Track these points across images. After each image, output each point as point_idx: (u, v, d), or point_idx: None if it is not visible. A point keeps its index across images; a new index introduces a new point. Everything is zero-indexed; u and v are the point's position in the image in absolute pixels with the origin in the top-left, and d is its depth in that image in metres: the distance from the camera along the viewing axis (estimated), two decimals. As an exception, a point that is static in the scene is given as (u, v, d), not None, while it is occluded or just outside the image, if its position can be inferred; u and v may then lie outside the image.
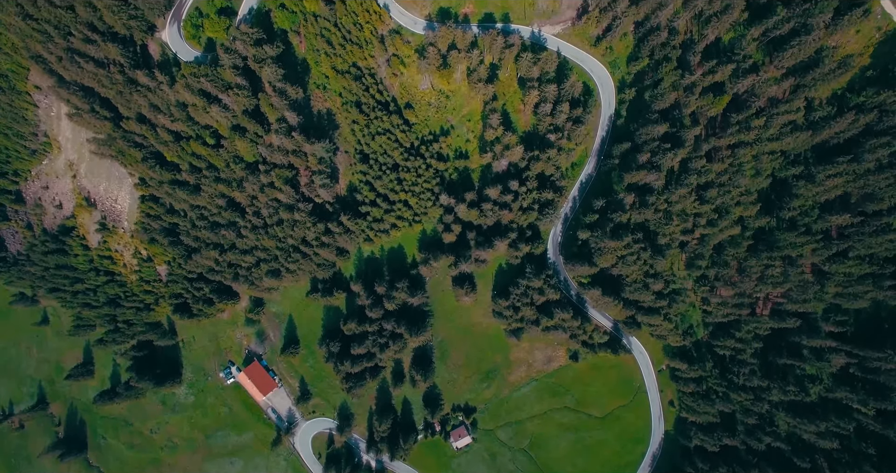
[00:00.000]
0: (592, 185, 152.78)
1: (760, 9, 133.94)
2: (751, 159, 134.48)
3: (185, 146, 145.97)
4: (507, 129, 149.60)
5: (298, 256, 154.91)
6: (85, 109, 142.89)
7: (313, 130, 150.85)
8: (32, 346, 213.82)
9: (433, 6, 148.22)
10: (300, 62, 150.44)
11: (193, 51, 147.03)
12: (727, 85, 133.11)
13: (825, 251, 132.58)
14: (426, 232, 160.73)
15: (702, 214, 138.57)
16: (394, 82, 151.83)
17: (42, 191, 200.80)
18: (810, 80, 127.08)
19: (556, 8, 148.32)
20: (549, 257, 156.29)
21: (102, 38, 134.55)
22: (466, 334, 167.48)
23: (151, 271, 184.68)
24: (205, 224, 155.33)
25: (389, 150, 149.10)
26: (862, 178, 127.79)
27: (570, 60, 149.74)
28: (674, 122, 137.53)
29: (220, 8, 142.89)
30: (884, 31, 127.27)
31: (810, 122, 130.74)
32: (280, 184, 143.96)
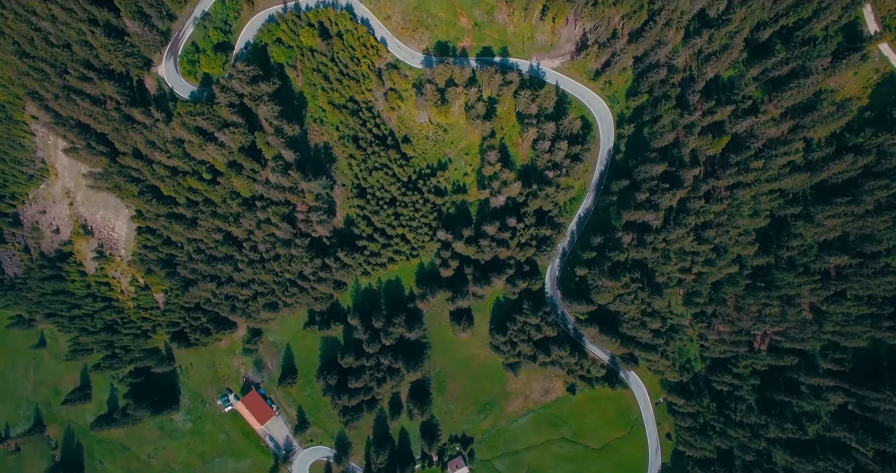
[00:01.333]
0: (591, 220, 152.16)
1: (760, 47, 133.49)
2: (749, 200, 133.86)
3: (181, 181, 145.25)
4: (505, 163, 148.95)
5: (296, 290, 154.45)
6: (81, 145, 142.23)
7: (310, 164, 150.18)
8: (30, 369, 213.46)
9: (431, 40, 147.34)
10: (297, 96, 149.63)
11: (190, 85, 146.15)
12: (726, 125, 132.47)
13: (823, 292, 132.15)
14: (424, 265, 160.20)
15: (700, 253, 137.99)
16: (391, 116, 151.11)
17: (39, 215, 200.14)
18: (809, 121, 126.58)
19: (555, 42, 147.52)
20: (547, 292, 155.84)
21: (98, 75, 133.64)
22: (464, 365, 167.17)
23: (149, 298, 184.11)
24: (202, 257, 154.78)
25: (387, 184, 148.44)
26: (861, 219, 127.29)
27: (568, 93, 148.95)
28: (672, 161, 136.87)
29: (217, 43, 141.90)
30: (881, 73, 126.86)
31: (809, 162, 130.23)
32: (277, 221, 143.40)
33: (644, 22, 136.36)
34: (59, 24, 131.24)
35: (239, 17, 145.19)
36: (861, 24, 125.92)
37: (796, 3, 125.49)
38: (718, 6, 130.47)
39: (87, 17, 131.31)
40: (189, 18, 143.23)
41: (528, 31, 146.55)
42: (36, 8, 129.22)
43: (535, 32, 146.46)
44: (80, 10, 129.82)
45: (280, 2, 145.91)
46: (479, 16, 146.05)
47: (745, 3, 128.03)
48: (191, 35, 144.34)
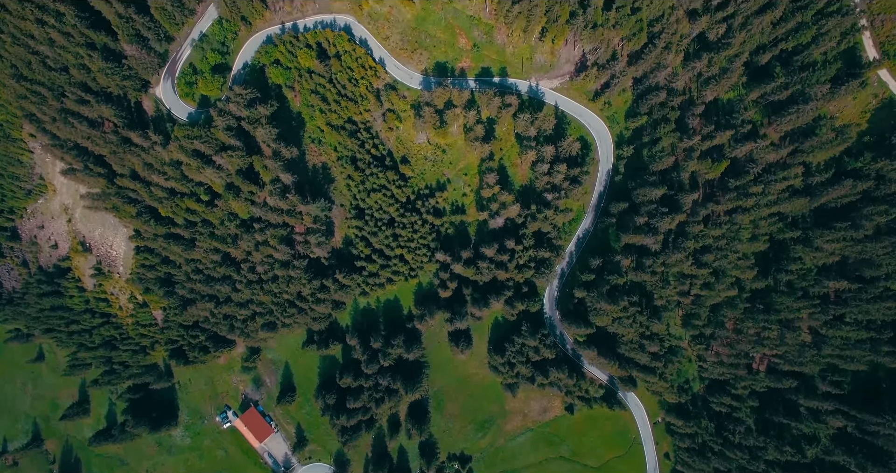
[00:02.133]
0: (589, 241, 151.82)
1: (759, 71, 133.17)
2: (749, 224, 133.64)
3: (179, 203, 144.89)
4: (503, 184, 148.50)
5: (294, 310, 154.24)
6: (79, 166, 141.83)
7: (308, 185, 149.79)
8: (27, 383, 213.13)
9: (429, 61, 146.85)
10: (295, 117, 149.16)
11: (187, 107, 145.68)
12: (726, 149, 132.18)
13: (822, 316, 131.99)
14: (422, 285, 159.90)
15: (698, 276, 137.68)
16: (390, 136, 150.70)
17: (37, 230, 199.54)
18: (808, 146, 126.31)
19: (554, 62, 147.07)
20: (546, 313, 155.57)
21: (96, 98, 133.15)
22: (462, 384, 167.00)
23: (147, 315, 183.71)
24: (200, 277, 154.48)
25: (385, 206, 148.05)
26: (860, 243, 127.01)
27: (567, 114, 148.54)
28: (671, 184, 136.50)
29: (214, 65, 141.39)
30: (880, 98, 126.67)
31: (808, 186, 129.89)
32: (275, 243, 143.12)
33: (643, 45, 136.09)
34: (56, 47, 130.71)
35: (236, 38, 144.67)
36: (860, 49, 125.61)
37: (796, 29, 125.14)
38: (718, 30, 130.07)
39: (85, 41, 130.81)
40: (187, 40, 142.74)
41: (527, 51, 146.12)
42: (34, 32, 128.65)
43: (534, 53, 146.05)
44: (78, 35, 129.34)
45: (278, 22, 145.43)
46: (477, 36, 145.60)
47: (744, 27, 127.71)
48: (188, 56, 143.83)
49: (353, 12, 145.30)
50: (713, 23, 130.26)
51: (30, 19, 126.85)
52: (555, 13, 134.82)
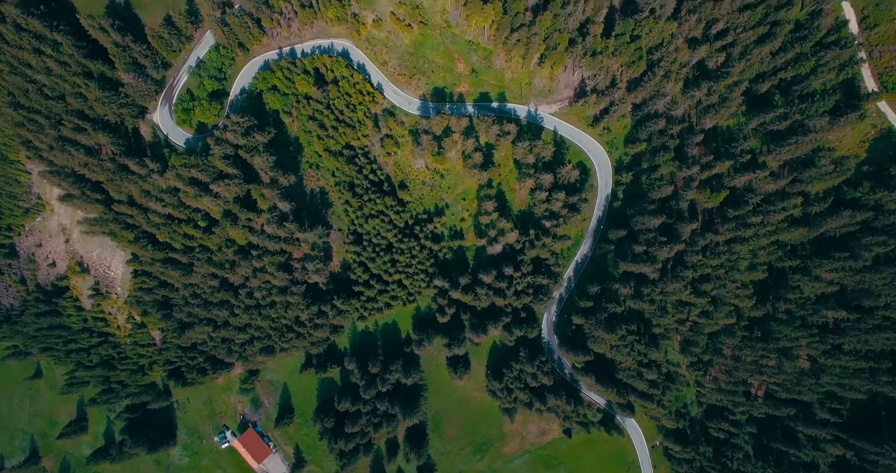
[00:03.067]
0: (588, 266, 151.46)
1: (759, 99, 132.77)
2: (747, 254, 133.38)
3: (176, 228, 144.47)
4: (502, 209, 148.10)
5: (292, 335, 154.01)
6: (76, 193, 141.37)
7: (306, 210, 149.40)
8: (25, 399, 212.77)
9: (428, 86, 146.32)
10: (293, 141, 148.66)
11: (185, 133, 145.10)
12: (725, 179, 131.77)
13: (821, 345, 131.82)
14: (420, 308, 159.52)
15: (697, 305, 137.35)
16: (388, 161, 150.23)
17: (35, 248, 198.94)
18: (807, 177, 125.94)
19: (553, 87, 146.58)
20: (544, 337, 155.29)
21: (93, 126, 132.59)
22: (461, 406, 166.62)
23: (145, 335, 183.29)
24: (198, 302, 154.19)
25: (383, 231, 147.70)
26: (859, 273, 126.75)
27: (566, 139, 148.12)
28: (670, 212, 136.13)
29: (212, 91, 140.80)
30: (879, 128, 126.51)
31: (807, 215, 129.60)
32: (272, 270, 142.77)
33: (643, 72, 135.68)
34: (53, 76, 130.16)
35: (234, 64, 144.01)
36: (859, 80, 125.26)
37: (795, 59, 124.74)
38: (717, 59, 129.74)
39: (82, 70, 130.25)
40: (184, 66, 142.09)
41: (525, 76, 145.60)
42: (31, 61, 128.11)
43: (533, 78, 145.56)
44: (75, 64, 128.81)
45: (275, 48, 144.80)
46: (476, 61, 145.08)
47: (743, 56, 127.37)
48: (185, 82, 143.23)
49: (350, 37, 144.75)
50: (712, 51, 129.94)
51: (27, 49, 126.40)
52: (553, 41, 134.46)
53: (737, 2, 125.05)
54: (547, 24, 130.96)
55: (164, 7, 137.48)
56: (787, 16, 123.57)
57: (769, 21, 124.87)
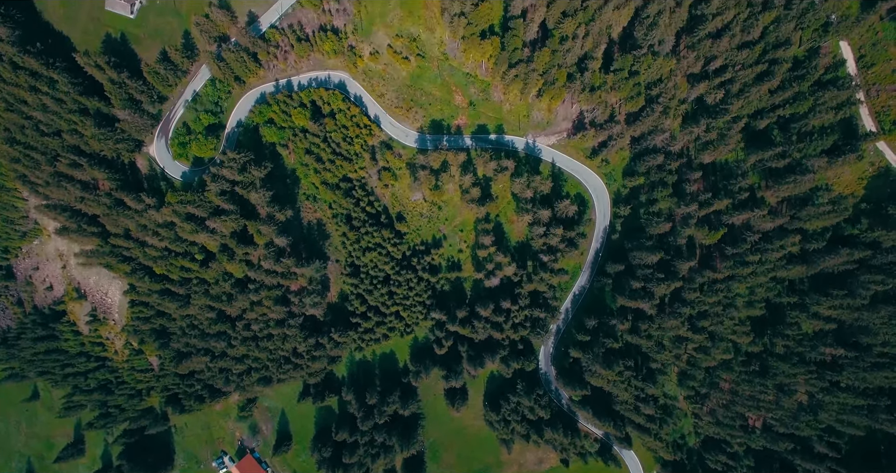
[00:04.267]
0: (586, 297, 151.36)
1: (758, 134, 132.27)
2: (745, 291, 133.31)
3: (173, 261, 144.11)
4: (499, 240, 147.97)
5: (290, 367, 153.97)
6: (72, 227, 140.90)
7: (303, 242, 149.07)
8: (22, 421, 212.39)
9: (425, 118, 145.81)
10: (289, 173, 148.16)
11: (181, 166, 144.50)
12: (723, 216, 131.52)
13: (818, 382, 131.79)
14: (418, 338, 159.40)
15: (694, 340, 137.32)
16: (385, 193, 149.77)
17: (32, 271, 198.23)
18: (805, 215, 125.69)
19: (552, 119, 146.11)
20: (541, 368, 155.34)
21: (89, 161, 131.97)
22: (458, 435, 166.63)
23: (143, 361, 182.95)
24: (195, 333, 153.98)
25: (380, 264, 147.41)
26: (857, 311, 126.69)
27: (565, 170, 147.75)
28: (668, 248, 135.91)
29: (208, 126, 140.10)
30: (877, 166, 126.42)
31: (805, 252, 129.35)
32: (270, 304, 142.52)
33: (641, 107, 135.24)
34: (49, 113, 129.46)
35: (230, 96, 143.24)
36: (857, 118, 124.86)
37: (793, 98, 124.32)
38: (716, 95, 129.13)
39: (78, 107, 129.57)
40: (180, 99, 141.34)
41: (524, 108, 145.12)
42: (27, 98, 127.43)
43: (531, 110, 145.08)
44: (71, 101, 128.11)
45: (272, 79, 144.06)
46: (474, 94, 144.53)
47: (742, 93, 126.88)
48: (182, 115, 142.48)
49: (347, 69, 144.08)
50: (711, 88, 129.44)
51: (23, 86, 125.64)
52: (552, 76, 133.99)
53: (735, 40, 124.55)
54: (545, 59, 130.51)
55: (161, 42, 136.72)
56: (786, 54, 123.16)
57: (767, 59, 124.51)
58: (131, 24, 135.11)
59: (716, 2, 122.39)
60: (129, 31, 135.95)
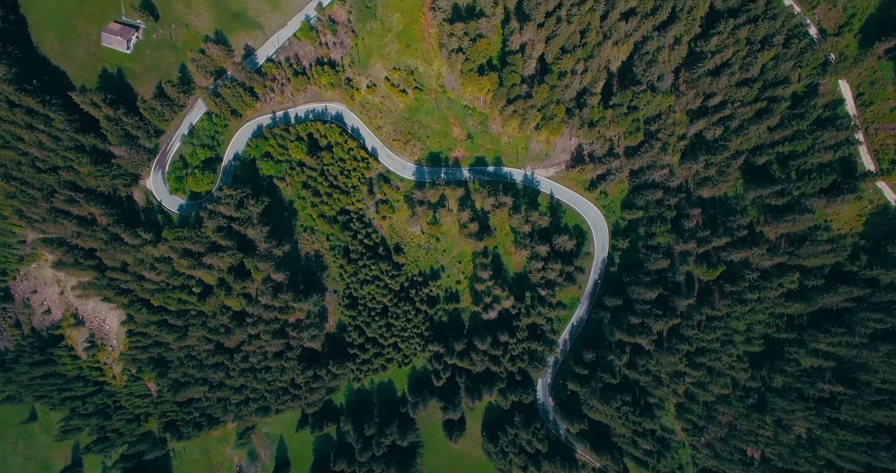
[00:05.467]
0: (584, 328, 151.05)
1: (757, 169, 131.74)
2: (743, 327, 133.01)
3: (171, 294, 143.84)
4: (497, 272, 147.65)
5: (288, 397, 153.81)
6: (69, 261, 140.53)
7: (301, 274, 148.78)
8: (19, 442, 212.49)
9: (423, 151, 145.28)
10: (287, 205, 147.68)
11: (178, 199, 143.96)
12: (722, 253, 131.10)
13: (817, 419, 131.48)
14: (416, 368, 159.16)
15: (692, 376, 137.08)
16: (383, 224, 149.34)
17: (30, 294, 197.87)
18: (804, 253, 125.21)
19: (550, 151, 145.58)
20: (539, 398, 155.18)
21: (85, 197, 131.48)
22: (456, 463, 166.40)
23: (141, 387, 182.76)
24: (193, 364, 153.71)
25: (378, 296, 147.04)
26: (856, 348, 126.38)
27: (563, 202, 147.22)
28: (666, 284, 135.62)
29: (204, 160, 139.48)
30: (875, 203, 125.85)
31: (804, 288, 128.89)
32: (267, 338, 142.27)
33: (640, 142, 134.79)
34: (45, 150, 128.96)
35: (227, 129, 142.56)
36: (856, 156, 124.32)
37: (792, 136, 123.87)
38: (715, 131, 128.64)
39: (74, 144, 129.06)
40: (176, 132, 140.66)
41: (522, 141, 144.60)
42: (23, 136, 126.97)
43: (529, 142, 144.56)
44: (67, 138, 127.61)
45: (268, 112, 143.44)
46: (472, 126, 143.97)
47: (741, 130, 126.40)
48: (178, 148, 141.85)
49: (344, 101, 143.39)
50: (710, 124, 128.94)
51: (19, 124, 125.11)
52: (550, 111, 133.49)
53: (734, 77, 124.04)
54: (543, 95, 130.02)
55: (157, 76, 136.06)
56: (785, 92, 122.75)
57: (766, 96, 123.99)
58: (127, 59, 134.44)
59: (715, 39, 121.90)
60: (125, 65, 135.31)
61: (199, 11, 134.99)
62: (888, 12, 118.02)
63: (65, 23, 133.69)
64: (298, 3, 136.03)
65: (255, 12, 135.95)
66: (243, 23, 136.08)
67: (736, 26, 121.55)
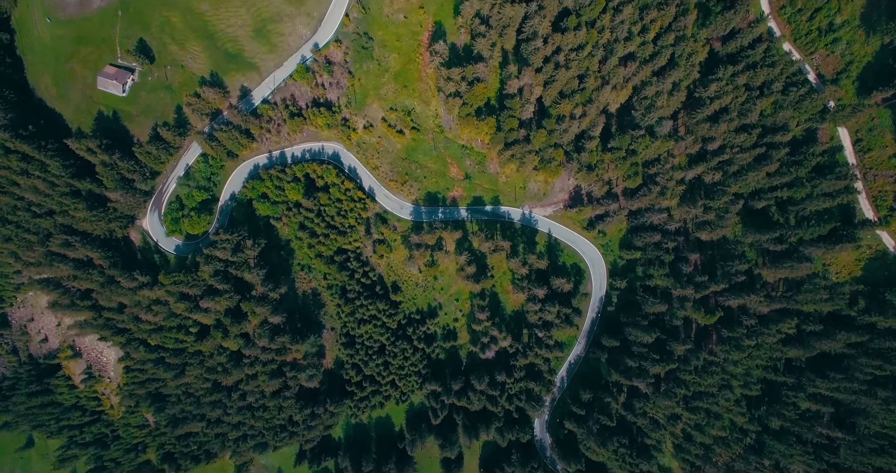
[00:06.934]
0: (581, 367, 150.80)
1: (756, 212, 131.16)
2: (741, 370, 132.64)
3: (168, 334, 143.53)
4: (495, 309, 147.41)
5: (285, 434, 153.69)
6: (65, 303, 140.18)
7: (298, 312, 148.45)
8: (16, 469, 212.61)
9: (420, 191, 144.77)
10: (284, 244, 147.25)
11: (175, 240, 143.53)
12: (720, 298, 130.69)
13: (816, 463, 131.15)
14: (413, 404, 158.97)
15: (689, 418, 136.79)
16: (380, 263, 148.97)
17: (28, 322, 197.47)
18: (802, 300, 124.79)
19: (548, 191, 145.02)
20: (536, 435, 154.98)
21: (81, 240, 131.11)
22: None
23: (139, 417, 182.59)
24: (190, 400, 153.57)
25: (376, 335, 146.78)
26: (855, 394, 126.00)
27: (561, 241, 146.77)
28: (664, 327, 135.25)
29: (201, 202, 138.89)
30: (874, 249, 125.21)
31: (802, 333, 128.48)
32: (264, 378, 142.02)
33: (639, 185, 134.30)
34: (41, 195, 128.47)
35: (223, 169, 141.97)
36: (855, 203, 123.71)
37: (791, 183, 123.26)
38: (714, 175, 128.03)
39: (70, 190, 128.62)
40: (172, 173, 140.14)
41: (520, 180, 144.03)
42: (19, 181, 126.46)
43: (527, 181, 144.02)
44: (63, 184, 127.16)
45: (265, 151, 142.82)
46: (469, 166, 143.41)
47: (739, 175, 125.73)
48: (174, 189, 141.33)
49: (341, 141, 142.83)
50: (709, 169, 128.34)
51: (15, 170, 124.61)
52: (548, 155, 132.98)
53: (733, 123, 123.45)
54: (542, 140, 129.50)
55: (153, 118, 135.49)
56: (783, 139, 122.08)
57: (765, 142, 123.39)
58: (123, 101, 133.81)
59: (714, 86, 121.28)
60: (121, 108, 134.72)
61: (194, 53, 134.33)
62: (885, 61, 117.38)
63: (61, 66, 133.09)
64: (294, 44, 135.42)
65: (251, 54, 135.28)
66: (239, 64, 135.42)
67: (735, 73, 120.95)
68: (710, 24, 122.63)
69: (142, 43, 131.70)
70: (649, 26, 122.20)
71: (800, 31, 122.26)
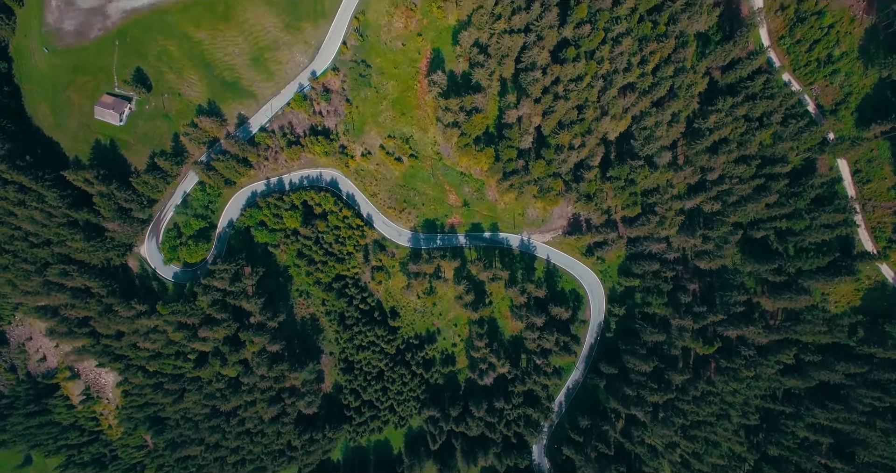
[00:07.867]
0: (579, 392, 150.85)
1: (755, 241, 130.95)
2: (740, 400, 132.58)
3: (166, 361, 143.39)
4: (493, 334, 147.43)
5: (284, 459, 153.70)
6: (62, 331, 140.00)
7: (297, 338, 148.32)
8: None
9: (418, 218, 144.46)
10: (282, 271, 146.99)
11: (173, 267, 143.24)
12: (718, 328, 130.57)
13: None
14: (412, 428, 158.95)
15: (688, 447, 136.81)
16: (378, 289, 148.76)
17: (26, 340, 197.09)
18: (801, 330, 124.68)
19: (547, 217, 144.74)
20: (535, 459, 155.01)
21: (79, 269, 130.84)
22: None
23: (138, 438, 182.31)
24: (189, 425, 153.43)
25: (374, 361, 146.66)
26: (854, 425, 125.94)
27: (559, 267, 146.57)
28: (662, 356, 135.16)
29: (198, 230, 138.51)
30: (873, 279, 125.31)
31: (801, 363, 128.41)
32: (263, 406, 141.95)
33: (638, 214, 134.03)
34: (38, 225, 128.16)
35: (220, 196, 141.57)
36: (853, 234, 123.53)
37: (790, 215, 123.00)
38: (713, 205, 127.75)
39: (67, 220, 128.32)
40: (170, 200, 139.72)
41: (519, 207, 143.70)
42: (16, 211, 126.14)
43: (526, 209, 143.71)
44: (60, 215, 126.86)
45: (262, 178, 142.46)
46: (468, 193, 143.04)
47: (738, 205, 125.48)
48: (172, 217, 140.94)
49: (339, 168, 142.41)
50: (708, 199, 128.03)
51: (11, 200, 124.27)
52: (547, 184, 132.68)
53: (732, 154, 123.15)
54: (540, 170, 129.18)
55: (150, 146, 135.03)
56: (782, 170, 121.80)
57: (764, 173, 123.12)
58: (120, 130, 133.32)
59: (713, 117, 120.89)
60: (118, 137, 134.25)
61: (191, 81, 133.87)
62: (883, 94, 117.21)
63: (58, 94, 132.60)
64: (292, 73, 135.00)
65: (249, 82, 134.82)
66: (236, 92, 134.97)
67: (734, 104, 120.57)
68: (709, 54, 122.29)
69: (139, 72, 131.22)
70: (648, 58, 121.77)
71: (799, 61, 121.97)
